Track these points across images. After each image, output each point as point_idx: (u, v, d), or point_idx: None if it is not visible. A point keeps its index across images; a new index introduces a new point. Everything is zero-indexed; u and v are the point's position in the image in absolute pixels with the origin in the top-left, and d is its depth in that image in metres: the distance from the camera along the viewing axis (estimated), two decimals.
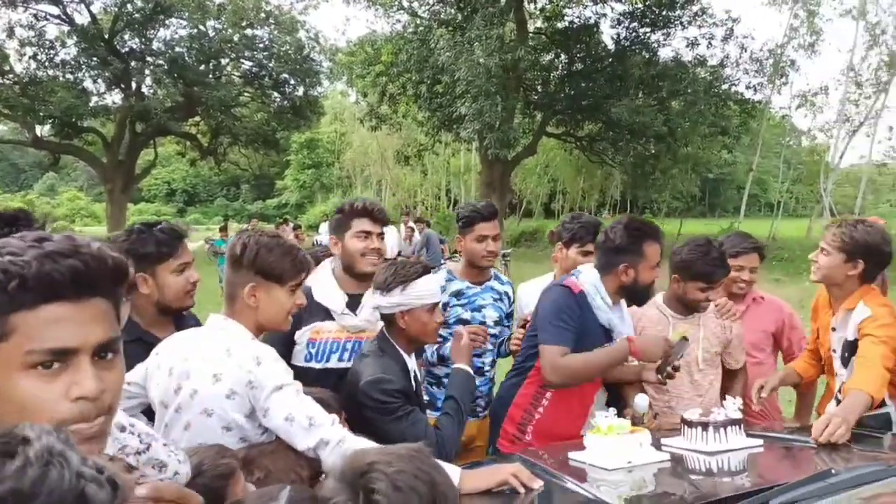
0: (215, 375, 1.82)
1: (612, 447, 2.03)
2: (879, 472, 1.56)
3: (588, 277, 2.58)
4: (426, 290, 2.33)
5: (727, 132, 24.58)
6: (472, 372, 2.45)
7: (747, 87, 25.15)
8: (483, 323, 2.97)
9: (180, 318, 2.37)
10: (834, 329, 2.64)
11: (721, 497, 1.63)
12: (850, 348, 2.55)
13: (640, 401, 2.48)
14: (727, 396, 2.37)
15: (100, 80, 27.68)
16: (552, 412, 2.61)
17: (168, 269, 2.26)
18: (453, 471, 1.81)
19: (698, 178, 31.61)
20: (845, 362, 2.59)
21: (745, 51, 24.56)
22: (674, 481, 2.00)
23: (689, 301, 2.81)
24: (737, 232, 3.48)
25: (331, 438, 1.79)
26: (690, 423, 2.21)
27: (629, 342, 2.49)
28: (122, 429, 1.28)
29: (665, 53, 24.45)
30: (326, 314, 2.52)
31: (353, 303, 2.55)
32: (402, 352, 2.32)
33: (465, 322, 2.93)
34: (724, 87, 24.20)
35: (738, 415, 2.21)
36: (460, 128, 21.95)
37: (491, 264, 3.06)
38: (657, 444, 2.17)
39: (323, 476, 1.83)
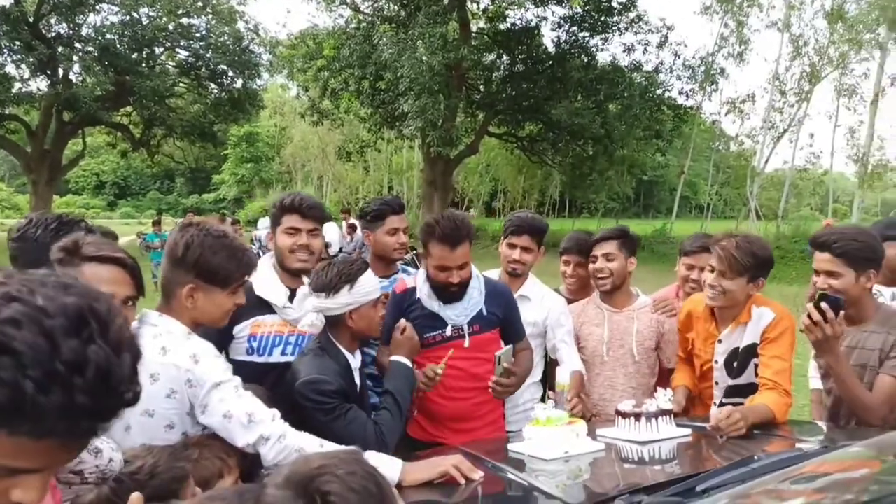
0: (152, 375, 1.77)
1: (549, 438, 2.09)
2: (798, 457, 1.66)
3: (421, 273, 2.73)
4: (371, 285, 2.33)
5: (661, 136, 25.42)
6: (410, 364, 2.46)
7: (680, 93, 26.15)
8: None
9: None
10: (720, 341, 2.65)
11: (652, 484, 1.70)
12: (745, 354, 2.59)
13: (560, 377, 2.55)
14: (658, 388, 2.47)
15: (23, 66, 26.25)
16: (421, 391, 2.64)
17: None
18: (395, 463, 1.83)
19: (633, 179, 32.61)
20: (732, 371, 2.64)
21: (679, 58, 25.48)
22: (608, 470, 2.07)
23: (591, 275, 3.01)
24: (697, 234, 3.49)
25: (271, 434, 1.78)
26: (624, 414, 2.29)
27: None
28: None
29: (603, 58, 25.14)
30: (267, 308, 2.49)
31: (293, 297, 2.53)
32: (344, 351, 2.31)
33: None
34: (659, 92, 25.00)
35: (670, 406, 2.31)
36: (403, 125, 21.92)
37: (402, 257, 3.08)
38: (593, 435, 2.25)
39: (263, 470, 1.81)
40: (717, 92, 27.82)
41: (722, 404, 2.61)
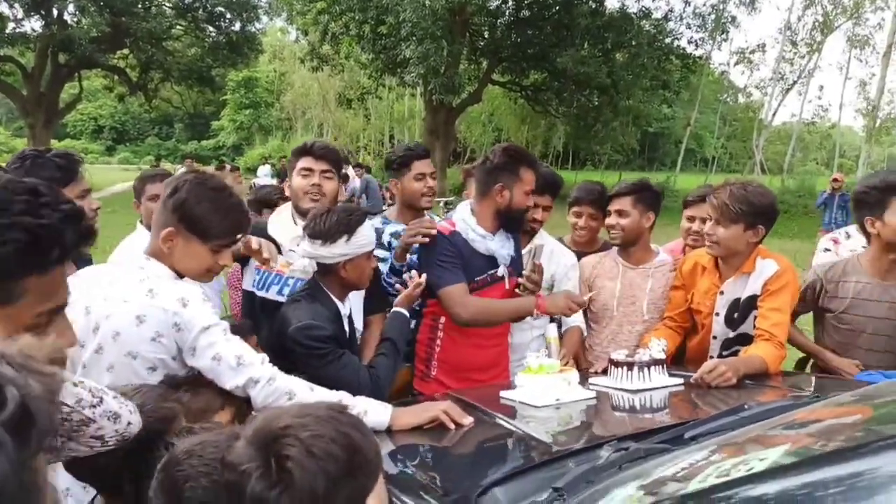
0: (139, 317, 1.75)
1: (541, 386, 2.08)
2: (789, 406, 1.65)
3: (460, 213, 2.64)
4: (368, 237, 2.31)
5: (668, 86, 24.95)
6: (407, 315, 2.48)
7: (689, 42, 25.57)
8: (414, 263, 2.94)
9: (79, 253, 2.27)
10: (722, 293, 2.62)
11: (641, 431, 1.70)
12: (746, 305, 2.57)
13: (550, 331, 2.55)
14: (652, 338, 2.45)
15: (17, 5, 25.61)
16: (448, 344, 2.65)
17: (70, 194, 2.13)
18: (385, 408, 1.83)
19: (638, 131, 32.14)
20: (732, 322, 2.62)
21: (689, 5, 24.83)
22: (598, 418, 2.08)
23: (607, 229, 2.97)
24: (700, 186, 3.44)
25: (260, 377, 1.77)
26: (616, 363, 2.29)
27: (538, 299, 2.51)
28: (75, 384, 1.25)
29: (611, 4, 24.52)
30: (279, 248, 2.52)
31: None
32: (334, 298, 2.30)
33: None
34: (667, 40, 24.44)
35: (662, 355, 2.30)
36: (404, 72, 21.50)
37: (430, 205, 3.01)
38: (585, 384, 2.24)
39: (252, 413, 1.81)
40: (728, 41, 27.36)
41: (719, 357, 2.60)
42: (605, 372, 2.40)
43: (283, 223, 2.59)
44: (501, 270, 2.63)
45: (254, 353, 1.81)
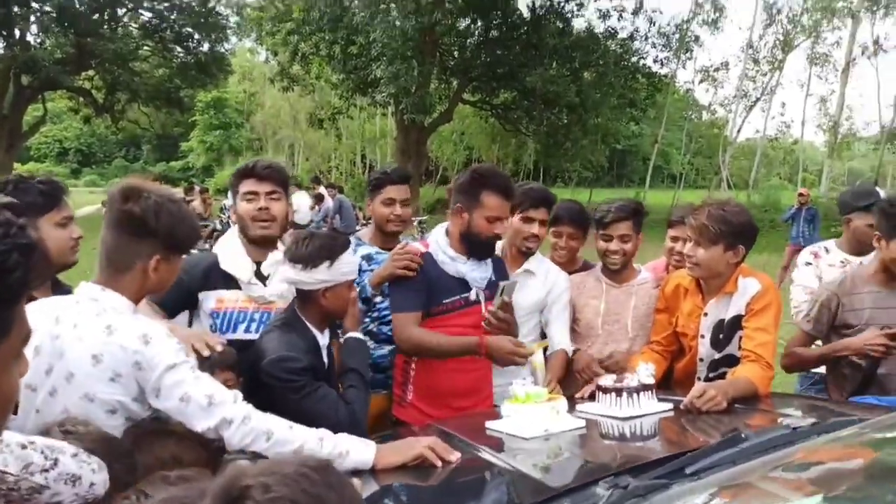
0: (95, 357, 1.61)
1: (528, 416, 2.00)
2: (788, 435, 1.60)
3: (434, 234, 2.63)
4: (351, 265, 2.23)
5: (635, 104, 25.38)
6: (363, 339, 2.38)
7: (655, 61, 26.09)
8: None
9: (57, 283, 2.15)
10: (706, 314, 2.58)
11: (637, 465, 1.62)
12: (730, 326, 2.53)
13: (535, 357, 2.48)
14: (640, 362, 2.39)
15: None
16: (422, 368, 2.57)
17: (51, 221, 2.06)
18: (368, 446, 1.73)
19: (607, 148, 32.57)
20: (717, 344, 2.58)
21: (654, 24, 25.34)
22: (590, 449, 2.00)
23: (598, 252, 2.89)
24: (682, 205, 3.45)
25: (234, 416, 1.65)
26: (605, 389, 2.22)
27: (480, 340, 2.42)
28: (23, 446, 1.13)
29: (578, 24, 24.86)
30: (232, 283, 2.35)
31: (260, 271, 2.40)
32: (312, 328, 2.19)
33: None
34: (633, 59, 24.90)
35: (651, 380, 2.24)
36: (375, 91, 21.53)
37: (398, 230, 2.95)
38: (573, 411, 2.17)
39: (226, 456, 1.69)
40: (692, 60, 27.87)
41: (707, 379, 2.55)
42: (592, 397, 2.34)
43: (234, 256, 2.40)
44: (474, 295, 2.55)
45: (226, 391, 1.69)
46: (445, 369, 2.53)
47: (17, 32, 25.40)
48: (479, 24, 24.03)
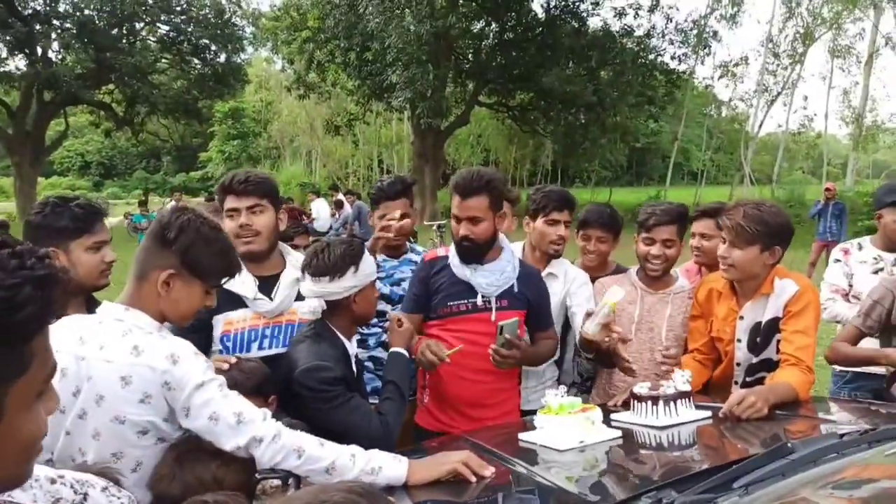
0: (124, 379, 1.59)
1: (563, 427, 1.94)
2: (837, 445, 1.53)
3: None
4: (372, 265, 2.23)
5: (653, 102, 25.19)
6: (408, 356, 2.35)
7: (672, 58, 25.84)
8: (402, 296, 2.82)
9: (92, 300, 2.14)
10: (742, 318, 2.51)
11: (679, 478, 1.56)
12: (768, 329, 2.46)
13: (612, 295, 2.41)
14: (675, 369, 2.33)
15: (0, 45, 25.62)
16: (435, 374, 2.54)
17: (83, 245, 2.07)
18: (401, 463, 1.69)
19: (626, 147, 32.30)
20: (755, 348, 2.50)
21: (671, 21, 25.12)
22: (628, 461, 1.93)
23: (638, 255, 2.79)
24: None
25: (264, 435, 1.63)
26: (640, 398, 2.15)
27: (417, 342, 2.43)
28: (52, 481, 1.09)
29: (594, 23, 24.75)
30: (237, 302, 2.29)
31: (264, 286, 2.33)
32: (341, 337, 2.17)
33: (385, 297, 2.81)
34: (651, 57, 24.68)
35: (688, 387, 2.17)
36: (391, 96, 21.57)
37: (399, 242, 2.95)
38: (608, 420, 2.11)
39: (257, 475, 1.66)
40: (710, 56, 27.53)
41: (744, 384, 2.48)
42: (626, 405, 2.28)
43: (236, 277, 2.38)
44: (481, 300, 2.51)
45: (255, 409, 1.67)
46: (453, 374, 2.50)
47: (39, 50, 25.85)
48: (494, 26, 24.00)
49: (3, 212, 30.18)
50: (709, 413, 2.13)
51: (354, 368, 2.22)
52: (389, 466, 1.67)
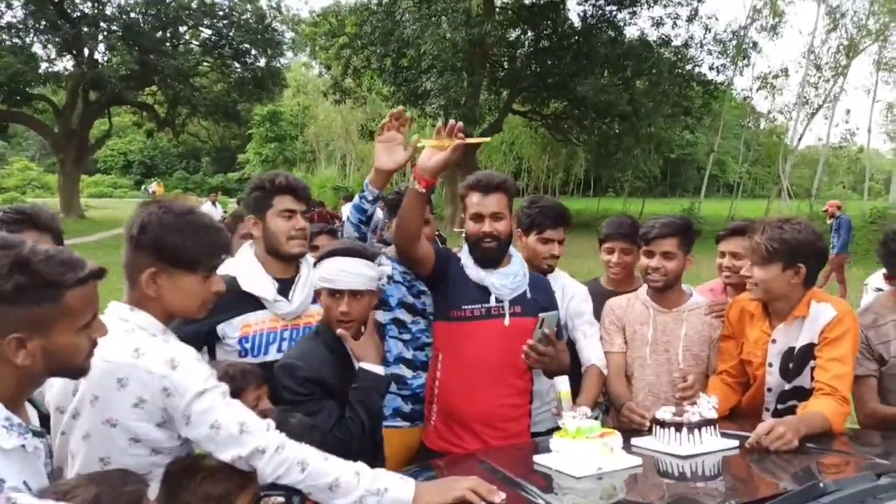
0: (120, 380, 1.56)
1: (579, 452, 1.87)
2: (875, 490, 1.43)
3: (465, 247, 2.60)
4: (331, 272, 2.22)
5: (689, 113, 24.77)
6: (381, 372, 2.20)
7: (710, 69, 25.41)
8: (425, 307, 2.69)
9: None
10: (774, 341, 2.39)
11: None
12: (802, 355, 2.34)
13: (560, 384, 2.33)
14: (701, 394, 2.23)
15: (49, 46, 26.44)
16: (445, 383, 2.47)
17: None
18: (407, 485, 1.63)
19: (660, 158, 31.82)
20: (787, 374, 2.38)
21: (709, 31, 24.73)
22: (648, 491, 1.85)
23: (640, 270, 2.72)
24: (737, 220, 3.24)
25: (267, 446, 1.58)
26: (663, 423, 2.06)
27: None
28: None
29: (631, 32, 24.50)
30: (255, 303, 2.27)
31: (283, 288, 2.31)
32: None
33: (408, 306, 2.65)
34: (688, 67, 24.34)
35: (713, 414, 2.07)
36: (426, 103, 21.61)
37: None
38: (627, 445, 2.02)
39: (261, 493, 1.62)
40: (749, 67, 27.02)
41: (776, 411, 2.37)
42: (648, 430, 2.19)
43: (255, 274, 2.31)
44: (493, 302, 2.44)
45: (258, 420, 1.62)
46: (459, 388, 2.43)
47: (85, 51, 26.60)
48: (530, 34, 23.92)
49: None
50: (735, 443, 2.03)
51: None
52: (395, 488, 1.61)
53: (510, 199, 2.51)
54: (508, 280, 2.47)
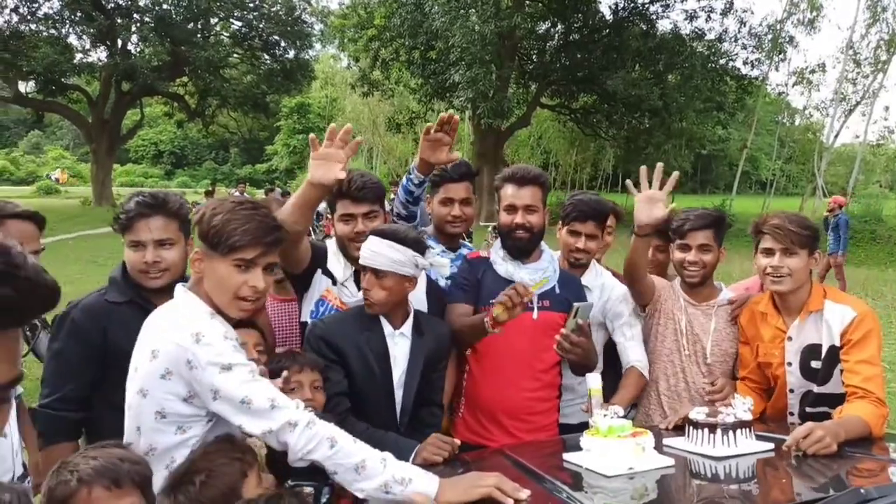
0: (153, 352, 1.63)
1: (611, 451, 1.83)
2: None
3: (497, 242, 2.62)
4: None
5: (722, 108, 24.34)
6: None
7: (745, 63, 24.92)
8: None
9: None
10: (790, 339, 2.35)
11: None
12: (828, 362, 2.28)
13: (591, 381, 2.29)
14: (736, 395, 2.18)
15: (84, 37, 26.91)
16: (473, 375, 2.48)
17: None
18: (431, 480, 1.62)
19: (691, 153, 31.33)
20: (809, 373, 2.32)
21: (744, 25, 24.25)
22: (681, 492, 1.81)
23: (674, 263, 2.68)
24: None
25: (298, 420, 1.59)
26: (696, 424, 2.02)
27: (488, 314, 2.22)
28: None
29: (663, 26, 24.14)
30: (333, 279, 2.42)
31: (358, 278, 2.38)
32: (383, 318, 2.18)
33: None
34: (722, 62, 23.90)
35: (749, 416, 2.02)
36: (454, 96, 21.57)
37: (457, 231, 2.75)
38: (660, 446, 1.98)
39: (290, 481, 1.62)
40: (785, 62, 26.48)
41: (805, 415, 2.30)
42: (680, 429, 2.15)
43: (337, 257, 2.44)
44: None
45: (286, 398, 1.64)
46: (488, 380, 2.44)
47: (119, 42, 27.01)
48: (560, 27, 23.70)
49: (81, 195, 31.69)
50: (771, 445, 1.99)
51: (394, 352, 2.16)
52: (420, 480, 1.60)
53: (545, 193, 2.52)
54: (538, 275, 2.46)
